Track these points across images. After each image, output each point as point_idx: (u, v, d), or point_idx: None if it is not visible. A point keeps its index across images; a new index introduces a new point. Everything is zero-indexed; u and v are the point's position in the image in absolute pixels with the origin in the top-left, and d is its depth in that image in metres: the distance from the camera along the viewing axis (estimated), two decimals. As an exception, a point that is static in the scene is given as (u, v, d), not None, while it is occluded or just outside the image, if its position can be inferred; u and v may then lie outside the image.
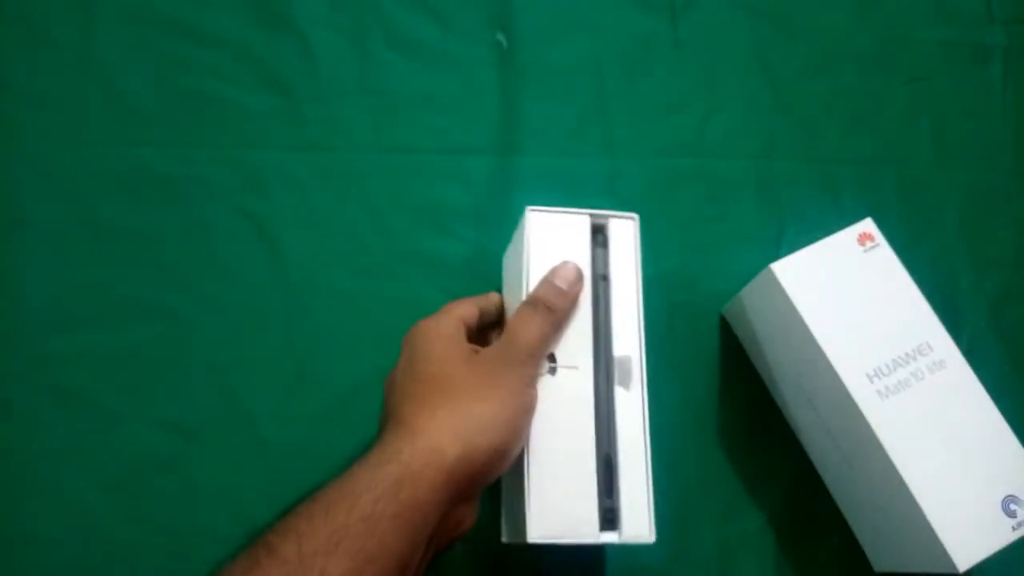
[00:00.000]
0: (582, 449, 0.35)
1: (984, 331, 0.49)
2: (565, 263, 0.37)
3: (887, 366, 0.39)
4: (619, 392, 0.36)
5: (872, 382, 0.38)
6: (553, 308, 0.36)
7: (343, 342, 0.47)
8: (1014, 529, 0.37)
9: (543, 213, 0.39)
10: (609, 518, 0.35)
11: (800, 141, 0.53)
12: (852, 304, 0.40)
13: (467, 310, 0.39)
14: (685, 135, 0.53)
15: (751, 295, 0.44)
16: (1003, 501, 0.37)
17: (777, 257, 0.41)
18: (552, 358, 0.36)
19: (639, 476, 0.35)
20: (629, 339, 0.37)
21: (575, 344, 0.36)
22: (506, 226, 0.50)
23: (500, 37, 0.54)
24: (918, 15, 0.56)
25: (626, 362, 0.37)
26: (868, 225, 0.42)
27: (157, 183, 0.49)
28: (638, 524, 0.35)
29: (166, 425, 0.45)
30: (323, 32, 0.53)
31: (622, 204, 0.50)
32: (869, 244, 0.41)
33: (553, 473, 0.34)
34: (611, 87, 0.53)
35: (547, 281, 0.37)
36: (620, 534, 0.34)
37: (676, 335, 0.48)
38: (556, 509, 0.34)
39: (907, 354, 0.39)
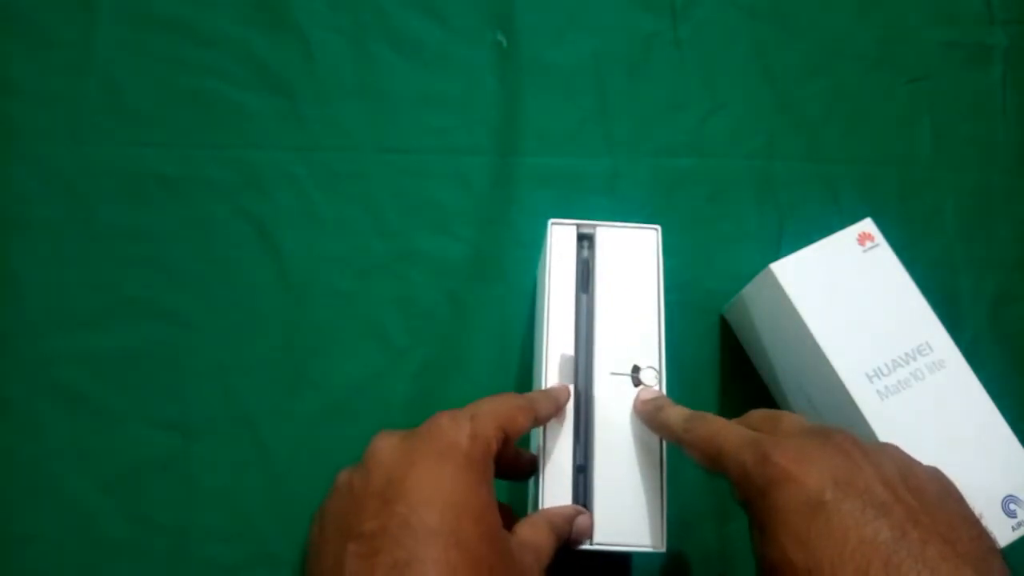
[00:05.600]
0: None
1: (984, 331, 0.49)
2: (582, 514, 0.34)
3: (887, 366, 0.39)
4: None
5: (872, 382, 0.38)
6: (558, 536, 0.32)
7: (343, 342, 0.47)
8: (1014, 529, 0.36)
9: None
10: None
11: (800, 141, 0.53)
12: (852, 304, 0.40)
13: (515, 421, 0.31)
14: (685, 135, 0.53)
15: (751, 295, 0.44)
16: (1003, 501, 0.37)
17: (777, 257, 0.41)
18: (636, 369, 0.37)
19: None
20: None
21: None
22: (506, 226, 0.50)
23: (500, 37, 0.54)
24: (918, 15, 0.56)
25: (567, 361, 0.38)
26: (868, 225, 0.42)
27: (157, 183, 0.49)
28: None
29: (166, 425, 0.45)
30: (323, 32, 0.53)
31: (622, 204, 0.51)
32: (869, 244, 0.41)
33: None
34: (611, 87, 0.53)
35: (563, 516, 0.34)
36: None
37: (676, 335, 0.48)
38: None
39: (907, 354, 0.39)
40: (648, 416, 0.36)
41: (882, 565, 0.23)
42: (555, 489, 0.35)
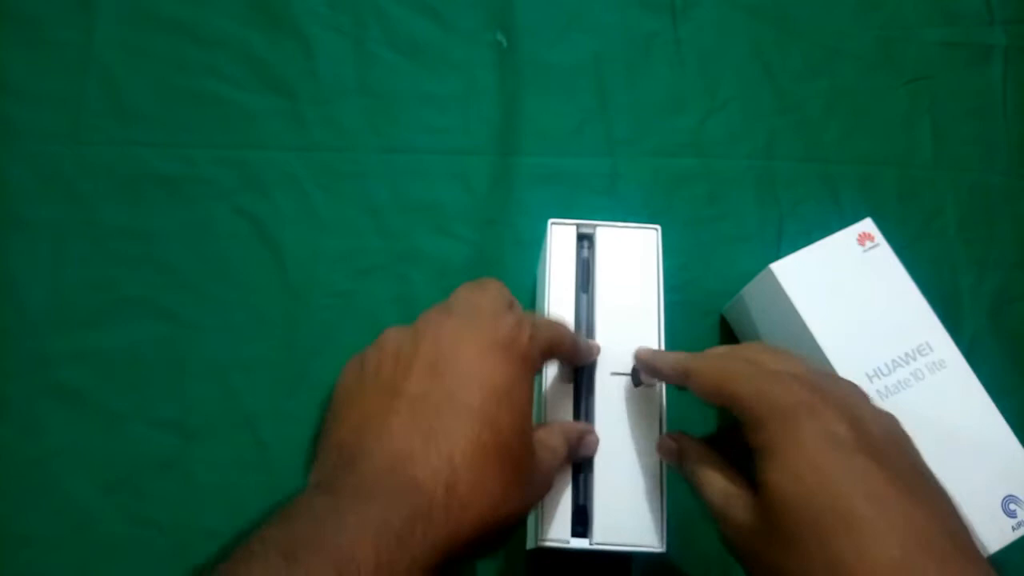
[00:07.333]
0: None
1: (984, 331, 0.49)
2: (590, 433, 0.35)
3: (887, 366, 0.39)
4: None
5: (872, 382, 0.38)
6: (569, 445, 0.33)
7: (343, 342, 0.47)
8: (1014, 529, 0.36)
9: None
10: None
11: (800, 141, 0.53)
12: (852, 304, 0.40)
13: (561, 344, 0.33)
14: (685, 135, 0.53)
15: (751, 295, 0.44)
16: (1003, 501, 0.37)
17: (777, 257, 0.41)
18: (636, 369, 0.37)
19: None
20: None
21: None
22: (506, 226, 0.50)
23: (500, 37, 0.54)
24: (918, 15, 0.56)
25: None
26: (868, 225, 0.42)
27: (157, 183, 0.49)
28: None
29: (166, 425, 0.45)
30: (323, 32, 0.53)
31: (622, 204, 0.51)
32: (869, 244, 0.41)
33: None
34: (611, 87, 0.53)
35: (575, 429, 0.34)
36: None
37: (676, 335, 0.48)
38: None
39: (907, 354, 0.39)
40: (647, 357, 0.35)
41: (899, 490, 0.25)
42: (555, 488, 0.35)
